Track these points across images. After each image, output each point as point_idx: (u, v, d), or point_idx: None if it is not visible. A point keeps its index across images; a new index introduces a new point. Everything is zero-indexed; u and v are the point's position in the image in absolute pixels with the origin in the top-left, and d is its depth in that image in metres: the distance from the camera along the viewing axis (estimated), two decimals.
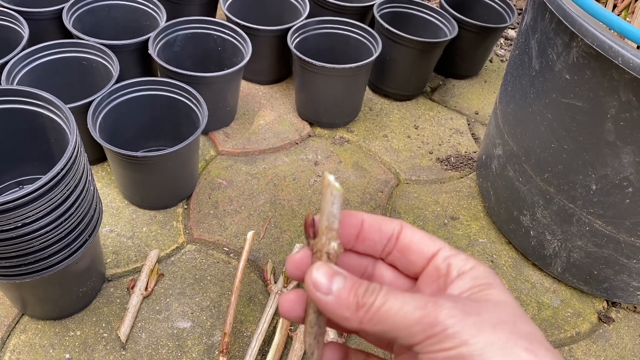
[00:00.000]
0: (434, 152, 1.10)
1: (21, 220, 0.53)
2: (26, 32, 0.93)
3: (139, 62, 1.02)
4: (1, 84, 0.83)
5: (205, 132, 1.06)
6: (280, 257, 0.86)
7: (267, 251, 0.87)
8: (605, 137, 0.67)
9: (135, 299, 0.76)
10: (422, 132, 1.15)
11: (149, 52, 0.95)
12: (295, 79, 1.09)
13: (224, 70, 0.95)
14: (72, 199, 0.58)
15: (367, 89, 1.22)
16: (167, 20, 1.04)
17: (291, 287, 0.80)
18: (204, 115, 0.86)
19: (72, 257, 0.62)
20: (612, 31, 0.59)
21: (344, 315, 0.27)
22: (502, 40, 1.49)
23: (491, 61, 1.39)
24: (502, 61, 1.40)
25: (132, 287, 0.78)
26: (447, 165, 1.07)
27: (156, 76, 1.02)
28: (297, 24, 1.07)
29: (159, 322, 0.76)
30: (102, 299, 0.77)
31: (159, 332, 0.75)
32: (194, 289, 0.80)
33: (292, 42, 1.03)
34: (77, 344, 0.72)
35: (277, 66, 1.17)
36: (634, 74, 0.57)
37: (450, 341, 0.24)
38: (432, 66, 1.18)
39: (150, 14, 1.08)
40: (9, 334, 0.73)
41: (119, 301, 0.77)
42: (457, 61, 1.27)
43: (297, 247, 0.86)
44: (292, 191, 0.97)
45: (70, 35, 0.99)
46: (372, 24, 1.15)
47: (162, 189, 0.88)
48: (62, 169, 0.54)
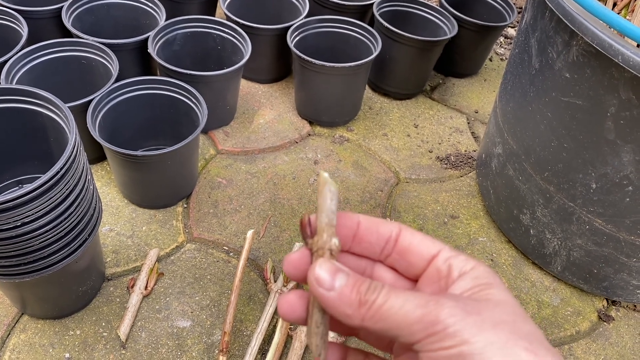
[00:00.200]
0: (433, 151, 1.10)
1: (20, 219, 0.53)
2: (25, 31, 0.93)
3: (139, 61, 1.02)
4: (0, 83, 0.83)
5: (204, 131, 1.06)
6: (280, 256, 0.86)
7: (266, 250, 0.87)
8: (605, 135, 0.67)
9: (135, 298, 0.76)
10: (421, 130, 1.14)
11: (149, 51, 0.95)
12: (294, 77, 1.09)
13: (223, 69, 0.95)
14: (72, 198, 0.58)
15: (366, 87, 1.22)
16: (167, 19, 1.04)
17: (291, 286, 0.80)
18: (203, 114, 0.85)
19: (72, 257, 0.62)
20: (612, 29, 0.59)
21: (345, 312, 0.27)
22: (501, 38, 1.48)
23: (491, 60, 1.39)
24: (501, 60, 1.40)
25: (132, 286, 0.78)
26: (446, 164, 1.07)
27: (156, 75, 1.02)
28: (297, 22, 1.06)
29: (159, 321, 0.76)
30: (101, 298, 0.77)
31: (159, 331, 0.75)
32: (194, 288, 0.80)
33: (291, 40, 1.03)
34: (77, 343, 0.72)
35: (276, 65, 1.17)
36: (634, 73, 0.57)
37: (450, 340, 0.24)
38: (431, 65, 1.18)
39: (149, 12, 1.08)
40: (9, 333, 0.72)
41: (118, 300, 0.77)
42: (457, 60, 1.27)
43: (297, 246, 0.86)
44: (291, 190, 0.97)
45: (69, 34, 0.99)
46: (372, 22, 1.15)
47: (161, 188, 0.88)
48: (61, 168, 0.54)
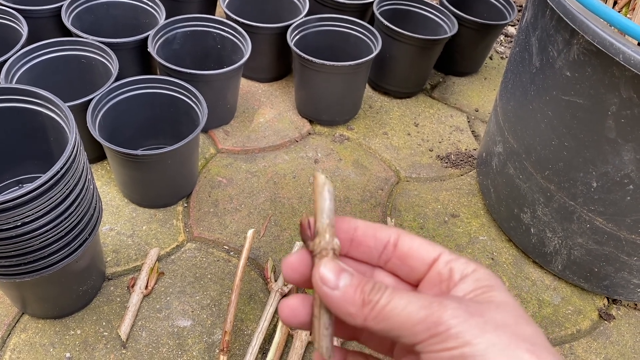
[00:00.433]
0: (434, 150, 1.10)
1: (21, 219, 0.53)
2: (25, 30, 0.93)
3: (138, 60, 1.02)
4: (0, 83, 0.83)
5: (204, 130, 1.06)
6: (280, 255, 0.86)
7: (267, 249, 0.87)
8: (606, 134, 0.67)
9: (135, 298, 0.76)
10: (422, 129, 1.14)
11: (148, 50, 0.95)
12: (295, 76, 1.09)
13: (223, 68, 0.95)
14: (72, 197, 0.58)
15: (367, 86, 1.22)
16: (166, 17, 1.04)
17: (291, 285, 0.80)
18: (203, 113, 0.85)
19: (72, 256, 0.62)
20: (613, 28, 0.59)
21: (349, 311, 0.27)
22: (502, 37, 1.48)
23: (491, 58, 1.39)
24: (502, 58, 1.40)
25: (133, 286, 0.78)
26: (447, 162, 1.07)
27: (155, 74, 1.02)
28: (297, 21, 1.06)
29: (160, 321, 0.75)
30: (102, 298, 0.77)
31: (160, 330, 0.74)
32: (194, 287, 0.80)
33: (291, 39, 1.03)
34: (77, 342, 0.72)
35: (276, 64, 1.17)
36: (635, 71, 0.57)
37: (453, 341, 0.25)
38: (432, 63, 1.18)
39: (149, 11, 1.08)
40: (9, 333, 0.72)
41: (119, 300, 0.77)
42: (457, 58, 1.26)
43: (297, 245, 0.86)
44: (292, 189, 0.97)
45: (69, 33, 0.98)
46: (372, 21, 1.15)
47: (162, 187, 0.88)
48: (61, 168, 0.54)
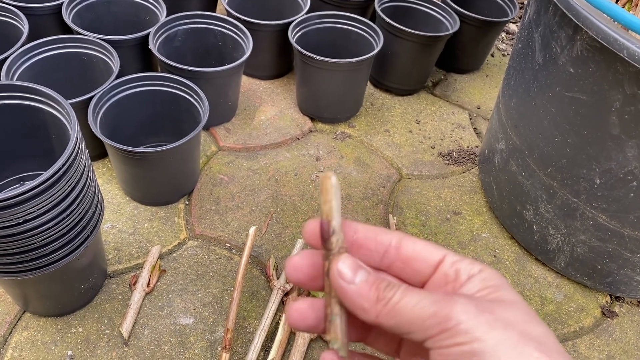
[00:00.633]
0: (436, 147, 1.10)
1: (22, 216, 0.53)
2: (26, 27, 0.93)
3: (139, 57, 1.02)
4: (1, 80, 0.83)
5: (206, 128, 1.06)
6: (282, 252, 0.86)
7: (269, 247, 0.86)
8: (609, 130, 0.66)
9: (137, 296, 0.76)
10: (424, 126, 1.14)
11: (149, 47, 0.95)
12: (296, 74, 1.08)
13: (224, 65, 0.95)
14: (74, 195, 0.57)
15: (368, 83, 1.22)
16: (167, 15, 1.04)
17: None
18: (205, 110, 0.85)
19: (74, 254, 0.62)
20: (617, 23, 0.58)
21: (363, 306, 0.28)
22: (503, 34, 1.48)
23: (493, 55, 1.39)
24: (503, 55, 1.40)
25: (134, 284, 0.77)
26: (449, 160, 1.07)
27: (156, 71, 1.02)
28: (298, 18, 1.06)
29: (162, 319, 0.75)
30: (104, 296, 0.77)
31: (162, 328, 0.74)
32: (196, 285, 0.80)
33: (293, 36, 1.03)
34: (79, 340, 0.72)
35: (278, 61, 1.16)
36: (639, 67, 0.56)
37: (462, 336, 0.25)
38: (433, 60, 1.18)
39: (150, 8, 1.08)
40: (11, 331, 0.72)
41: (121, 297, 0.77)
42: (459, 55, 1.26)
43: (299, 243, 0.85)
44: (293, 187, 0.97)
45: (70, 30, 0.98)
46: (374, 18, 1.15)
47: (163, 185, 0.87)
48: (63, 165, 0.54)
